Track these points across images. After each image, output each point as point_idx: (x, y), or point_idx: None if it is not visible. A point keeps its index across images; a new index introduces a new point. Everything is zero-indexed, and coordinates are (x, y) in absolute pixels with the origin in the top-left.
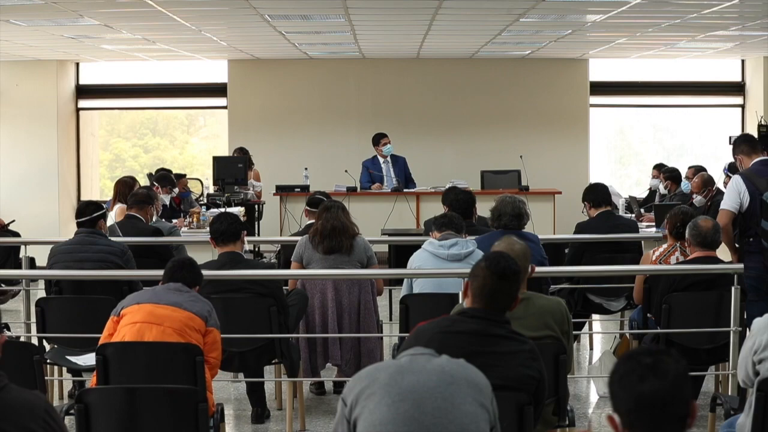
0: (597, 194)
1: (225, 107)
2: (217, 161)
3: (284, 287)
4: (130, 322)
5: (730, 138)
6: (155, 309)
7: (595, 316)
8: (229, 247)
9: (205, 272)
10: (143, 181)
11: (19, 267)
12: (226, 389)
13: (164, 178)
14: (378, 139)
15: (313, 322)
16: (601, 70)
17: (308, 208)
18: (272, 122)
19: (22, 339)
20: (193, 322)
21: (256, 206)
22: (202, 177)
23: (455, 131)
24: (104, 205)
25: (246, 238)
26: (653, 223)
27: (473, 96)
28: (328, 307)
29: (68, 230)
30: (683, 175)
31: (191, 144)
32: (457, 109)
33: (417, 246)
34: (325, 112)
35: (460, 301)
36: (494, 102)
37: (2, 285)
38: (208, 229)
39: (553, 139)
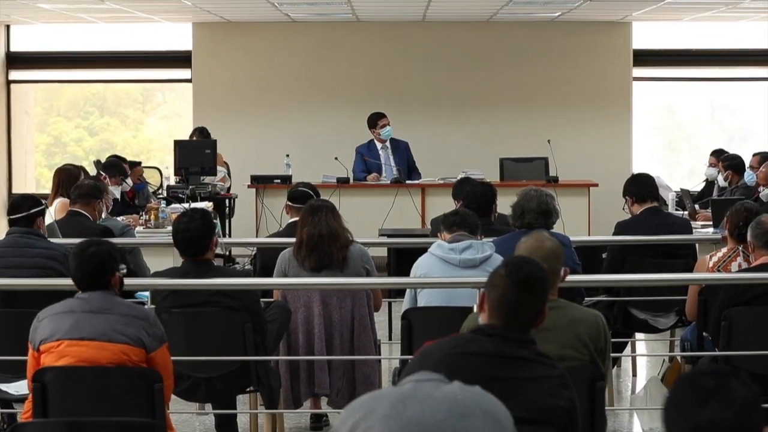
0: (641, 187)
1: (189, 80)
2: (180, 146)
3: (262, 299)
4: (55, 363)
5: None
6: (79, 350)
7: (638, 335)
8: (197, 257)
9: (165, 282)
10: (90, 170)
11: None
12: (190, 423)
13: (114, 166)
14: (375, 120)
15: (297, 342)
16: (646, 35)
17: (290, 203)
18: (246, 99)
19: None
20: (129, 355)
21: (227, 201)
22: (160, 165)
23: (469, 111)
24: (43, 201)
25: (219, 240)
26: (710, 222)
27: (490, 68)
28: (315, 324)
29: None
30: (747, 163)
31: (147, 125)
32: (471, 83)
33: (422, 250)
34: (311, 88)
35: (475, 314)
36: (516, 75)
37: None
38: (168, 228)
39: (587, 119)
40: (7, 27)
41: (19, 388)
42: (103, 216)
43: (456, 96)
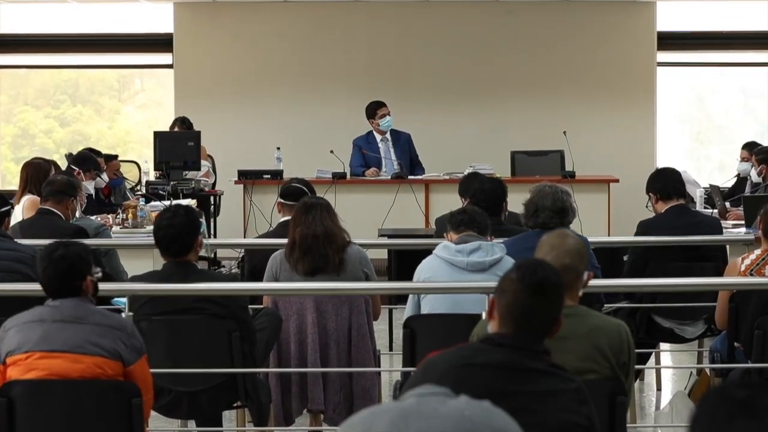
0: (666, 183)
1: (170, 66)
2: (160, 138)
3: (250, 306)
4: (23, 376)
5: None
6: (50, 363)
7: (663, 346)
8: (179, 257)
9: (145, 287)
10: (61, 165)
11: None
12: None
13: (88, 160)
14: (374, 110)
15: (288, 352)
16: (672, 16)
17: (283, 200)
18: (233, 87)
19: None
20: (104, 368)
21: (212, 198)
22: (139, 159)
23: (477, 99)
24: (10, 200)
25: (205, 241)
26: (742, 222)
27: (501, 53)
28: (308, 333)
29: None
30: None
31: (124, 115)
32: (480, 69)
33: (426, 252)
34: (304, 74)
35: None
36: (529, 60)
37: None
38: (147, 228)
39: (607, 109)
40: None
41: None
42: (77, 215)
43: (463, 83)
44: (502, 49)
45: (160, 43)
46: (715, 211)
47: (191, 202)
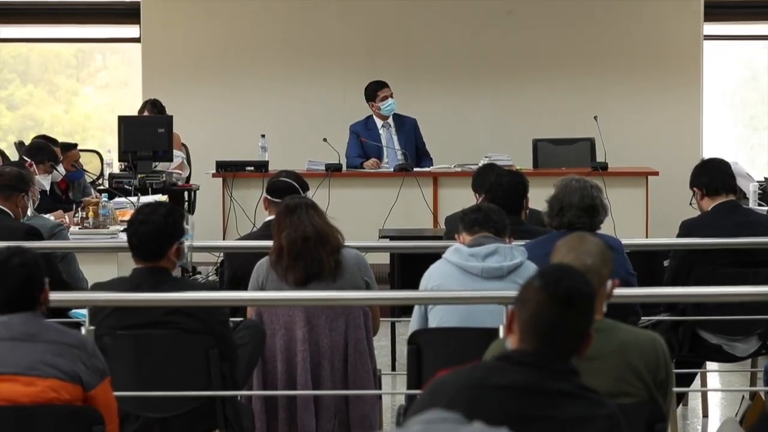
0: (714, 176)
1: (137, 40)
2: (126, 124)
3: (231, 319)
4: None
5: None
6: (0, 387)
7: (710, 365)
8: (152, 261)
9: (108, 296)
10: (10, 155)
11: None
12: None
13: (42, 150)
14: (374, 91)
15: (274, 372)
16: None
17: (269, 196)
18: (210, 65)
19: None
20: (60, 392)
21: (186, 194)
22: (101, 148)
23: (493, 78)
24: None
25: (187, 248)
26: None
27: (521, 26)
28: (298, 351)
29: None
30: None
31: (83, 97)
32: (497, 45)
33: (435, 256)
34: (293, 50)
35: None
36: (554, 34)
37: None
38: (111, 228)
39: (645, 90)
40: None
41: None
42: (29, 213)
43: (478, 60)
44: (523, 22)
45: (125, 13)
46: None
47: (162, 199)
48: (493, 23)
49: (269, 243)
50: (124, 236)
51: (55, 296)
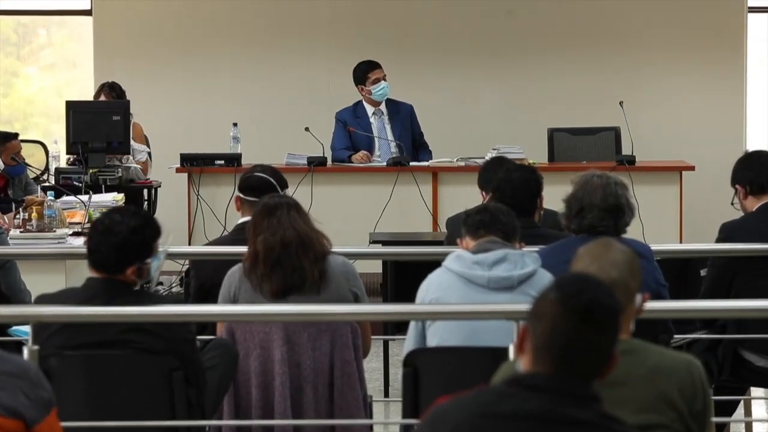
0: (759, 172)
1: (88, 12)
2: (75, 111)
3: (198, 337)
4: None
5: None
6: None
7: (756, 391)
8: (109, 273)
9: (55, 311)
10: None
11: None
12: None
13: None
14: (364, 73)
15: (248, 399)
16: None
17: (242, 195)
18: (174, 42)
19: None
20: None
21: (145, 192)
22: (45, 139)
23: (503, 60)
24: None
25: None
26: None
27: None
28: (276, 374)
29: None
30: None
31: (25, 78)
32: (507, 21)
33: (434, 263)
34: (269, 26)
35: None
36: (573, 9)
37: None
38: (58, 232)
39: (678, 71)
40: None
41: None
42: None
43: (484, 38)
44: None
45: None
46: None
47: (117, 197)
48: None
49: (243, 249)
50: (73, 240)
51: None
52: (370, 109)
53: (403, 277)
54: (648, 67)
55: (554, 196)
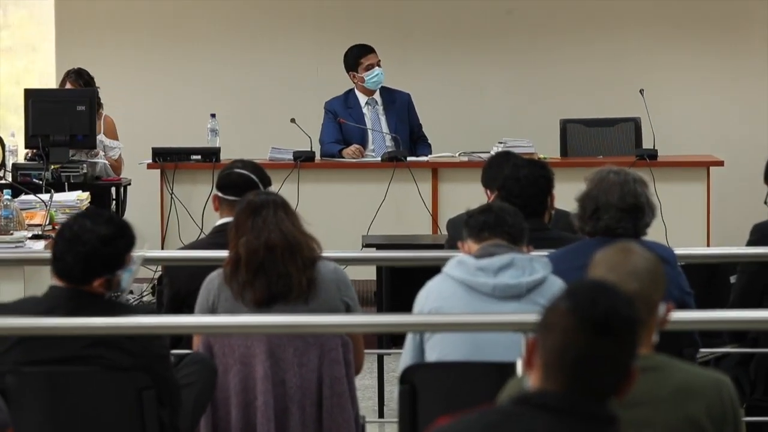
0: None
1: None
2: (34, 100)
3: (173, 351)
4: None
5: None
6: None
7: None
8: (74, 284)
9: (12, 323)
10: None
11: None
12: None
13: None
14: (356, 58)
15: (227, 419)
16: None
17: (221, 193)
18: (145, 24)
19: None
20: None
21: (114, 189)
22: (2, 131)
23: (510, 44)
24: None
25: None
26: None
27: None
28: (258, 393)
29: None
30: None
31: None
32: (513, 1)
33: (433, 270)
34: (250, 6)
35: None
36: None
37: None
38: (16, 235)
39: (705, 56)
40: None
41: None
42: None
43: (490, 21)
44: None
45: None
46: None
47: (82, 197)
48: None
49: (222, 253)
50: (32, 244)
51: None
52: (362, 99)
53: (399, 285)
54: (672, 50)
55: (566, 194)
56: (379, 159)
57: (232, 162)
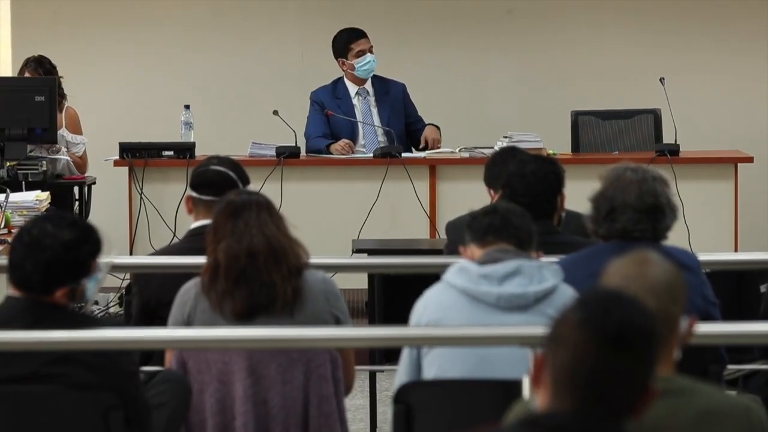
0: None
1: None
2: None
3: (143, 369)
4: None
5: None
6: None
7: None
8: (34, 294)
9: None
10: None
11: None
12: None
13: None
14: (346, 44)
15: None
16: None
17: (195, 193)
18: (110, 7)
19: None
20: None
21: (77, 189)
22: None
23: (515, 28)
24: None
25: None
26: None
27: None
28: (237, 413)
29: None
30: None
31: None
32: None
33: (432, 277)
34: None
35: (526, 397)
36: None
37: None
38: None
39: (732, 41)
40: None
41: None
42: None
43: (492, 1)
44: None
45: None
46: None
47: (41, 197)
48: None
49: (198, 259)
50: None
51: None
52: (352, 89)
53: (393, 295)
54: (696, 34)
55: (578, 194)
56: (371, 155)
57: (207, 159)
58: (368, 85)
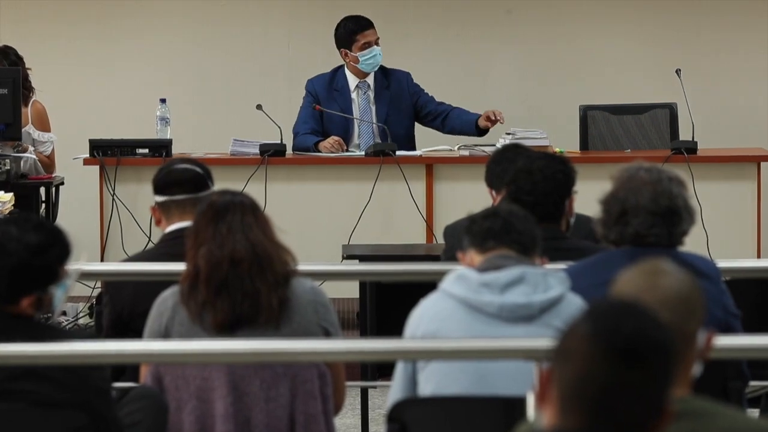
0: None
1: None
2: None
3: (115, 385)
4: None
5: None
6: None
7: None
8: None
9: None
10: None
11: None
12: None
13: None
14: (351, 34)
15: None
16: None
17: (164, 196)
18: None
19: None
20: None
21: (44, 190)
22: None
23: (519, 17)
24: None
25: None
26: None
27: None
28: None
29: None
30: None
31: None
32: None
33: (428, 286)
34: None
35: (530, 416)
36: None
37: None
38: None
39: (754, 30)
40: None
41: None
42: None
43: None
44: None
45: None
46: None
47: (4, 198)
48: None
49: (176, 266)
50: None
51: None
52: (353, 81)
53: (386, 304)
54: (714, 23)
55: (588, 195)
56: (363, 154)
57: (176, 158)
58: (370, 78)
